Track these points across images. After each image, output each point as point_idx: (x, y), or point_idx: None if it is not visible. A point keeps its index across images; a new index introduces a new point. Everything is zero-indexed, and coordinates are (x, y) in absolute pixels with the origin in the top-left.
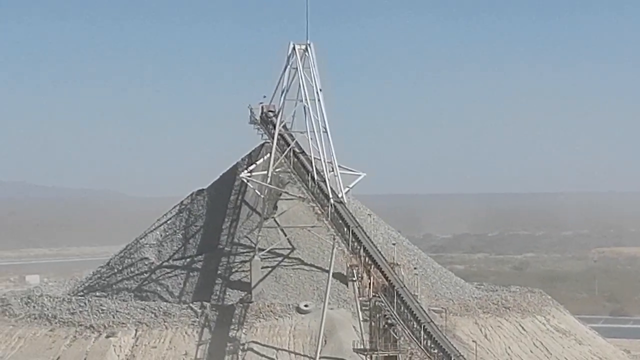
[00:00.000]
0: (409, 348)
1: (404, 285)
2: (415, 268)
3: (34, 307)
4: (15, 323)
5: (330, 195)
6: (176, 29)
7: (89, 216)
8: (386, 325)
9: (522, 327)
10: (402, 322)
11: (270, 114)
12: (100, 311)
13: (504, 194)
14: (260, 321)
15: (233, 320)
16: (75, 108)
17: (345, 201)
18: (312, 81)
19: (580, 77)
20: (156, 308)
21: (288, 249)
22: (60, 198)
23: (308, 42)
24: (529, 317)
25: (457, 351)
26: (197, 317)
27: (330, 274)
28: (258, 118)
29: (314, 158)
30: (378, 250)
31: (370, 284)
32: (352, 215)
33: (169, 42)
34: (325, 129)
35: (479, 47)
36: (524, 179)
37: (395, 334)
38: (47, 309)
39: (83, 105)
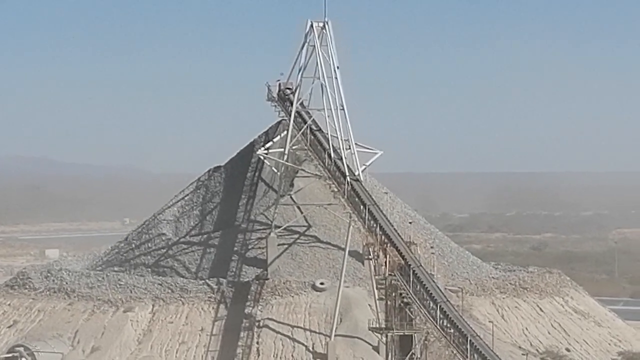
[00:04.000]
0: (425, 327)
1: (420, 264)
2: (431, 247)
3: (53, 281)
4: (35, 296)
5: (347, 173)
6: (196, 6)
7: (108, 192)
8: (402, 304)
9: (540, 308)
10: (418, 301)
11: (288, 91)
12: (118, 286)
13: (523, 173)
14: (276, 298)
15: (249, 296)
16: (96, 85)
17: (362, 179)
18: (329, 59)
19: (599, 53)
20: (173, 284)
21: (304, 226)
22: (80, 174)
23: (326, 20)
24: (547, 298)
25: (474, 331)
26: (213, 293)
27: (346, 252)
28: (275, 95)
29: (331, 136)
30: (394, 228)
31: (386, 262)
32: (368, 193)
33: (186, 18)
34: (343, 106)
35: (498, 24)
36: (544, 158)
37: (411, 313)
38: (66, 283)
39: (103, 82)
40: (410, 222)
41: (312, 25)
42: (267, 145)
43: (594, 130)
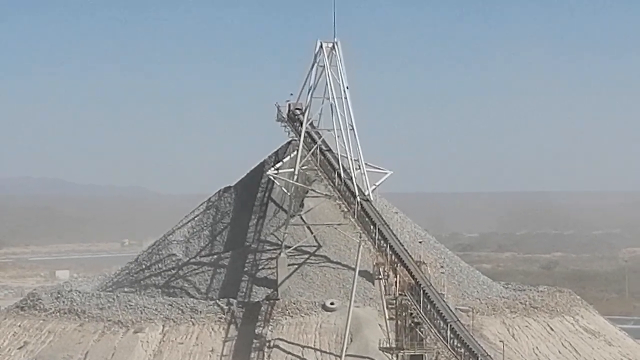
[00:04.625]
0: (436, 347)
1: (431, 284)
2: (441, 267)
3: (63, 302)
4: (46, 317)
5: (357, 193)
6: (207, 24)
7: (118, 212)
8: (412, 324)
9: (551, 328)
10: (428, 321)
11: (297, 111)
12: (129, 307)
13: (532, 192)
14: (286, 318)
15: (259, 317)
16: (105, 105)
17: (372, 199)
18: (339, 79)
19: (601, 73)
20: (183, 304)
21: (314, 246)
22: (91, 195)
23: (335, 40)
24: (557, 317)
25: (484, 351)
26: (224, 314)
27: (357, 272)
28: (285, 116)
29: (341, 156)
30: (404, 248)
31: (396, 282)
32: (378, 213)
33: (197, 38)
34: (352, 126)
35: (505, 43)
36: (553, 177)
37: (422, 333)
38: (77, 304)
39: (113, 103)
40: (420, 242)
41: (321, 46)
42: (277, 165)
43: (605, 149)
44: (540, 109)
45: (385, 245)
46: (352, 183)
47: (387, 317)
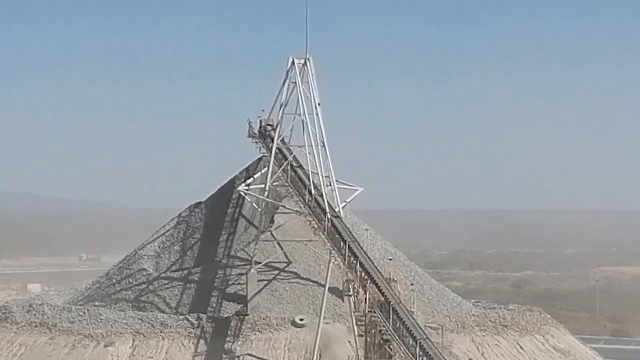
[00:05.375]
0: None
1: (400, 301)
2: (411, 284)
3: (34, 315)
4: (17, 330)
5: (327, 210)
6: (177, 41)
7: (89, 226)
8: (381, 341)
9: (520, 346)
10: (397, 338)
11: (269, 127)
12: (99, 320)
13: (502, 211)
14: (255, 334)
15: (229, 332)
16: (77, 118)
17: (342, 215)
18: (310, 95)
19: (563, 87)
20: (153, 319)
21: (284, 262)
22: (62, 209)
23: (307, 57)
24: (527, 335)
25: None
26: (193, 329)
27: (326, 288)
28: (256, 132)
29: (312, 172)
30: (374, 265)
31: (366, 299)
32: (348, 230)
33: (168, 52)
34: (323, 143)
35: (477, 62)
36: (523, 196)
37: (391, 350)
38: (48, 317)
39: (85, 116)
40: (390, 259)
41: (293, 62)
42: (248, 181)
43: (575, 168)
44: (510, 127)
45: (355, 262)
46: (323, 199)
47: (356, 333)
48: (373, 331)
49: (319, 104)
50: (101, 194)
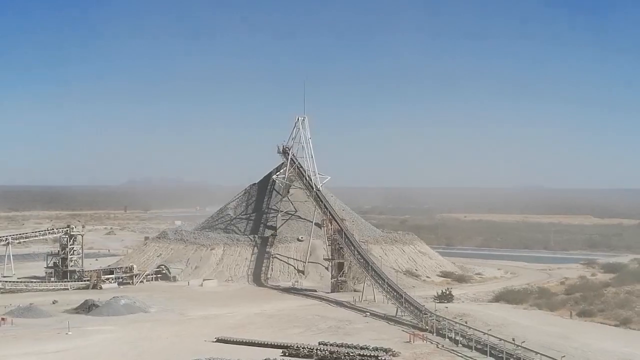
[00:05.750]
0: (350, 259)
1: (347, 229)
2: (352, 222)
3: (177, 235)
4: (169, 242)
5: (314, 187)
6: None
7: (197, 194)
8: (339, 248)
9: (403, 250)
10: (346, 246)
11: (287, 149)
12: (207, 238)
13: (402, 188)
14: (280, 244)
15: (268, 243)
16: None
17: (321, 190)
18: (306, 134)
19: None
20: (233, 237)
21: (294, 210)
22: (181, 185)
23: (304, 115)
24: (406, 245)
25: (372, 261)
26: (252, 242)
27: (314, 223)
28: (281, 151)
29: (307, 169)
30: (336, 212)
31: (332, 228)
32: (324, 197)
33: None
34: (312, 156)
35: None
36: (422, 178)
37: (343, 252)
38: (183, 235)
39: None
40: (343, 210)
41: (297, 118)
42: (277, 173)
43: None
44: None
45: (327, 210)
46: (312, 182)
47: (327, 244)
48: (335, 243)
49: (310, 138)
50: (196, 175)
